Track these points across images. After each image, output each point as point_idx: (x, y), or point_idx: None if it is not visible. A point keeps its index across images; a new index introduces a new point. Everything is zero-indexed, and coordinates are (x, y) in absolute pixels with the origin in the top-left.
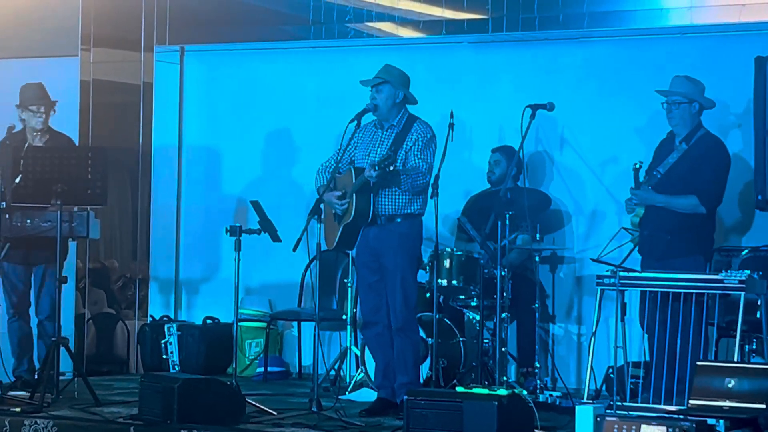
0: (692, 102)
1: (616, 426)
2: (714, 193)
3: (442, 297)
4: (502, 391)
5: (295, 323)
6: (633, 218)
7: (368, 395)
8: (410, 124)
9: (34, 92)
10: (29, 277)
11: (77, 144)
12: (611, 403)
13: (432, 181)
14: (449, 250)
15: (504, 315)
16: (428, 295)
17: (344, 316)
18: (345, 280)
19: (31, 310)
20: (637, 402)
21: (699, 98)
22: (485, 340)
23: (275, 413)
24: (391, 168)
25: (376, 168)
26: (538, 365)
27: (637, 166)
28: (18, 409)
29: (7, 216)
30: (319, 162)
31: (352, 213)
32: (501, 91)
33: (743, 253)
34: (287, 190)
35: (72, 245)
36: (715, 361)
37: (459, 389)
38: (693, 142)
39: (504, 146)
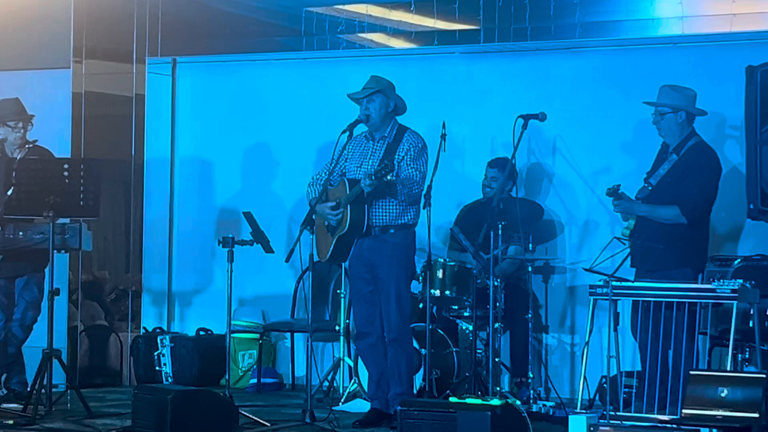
0: (677, 111)
1: None
2: (696, 204)
3: (435, 307)
4: (496, 401)
5: (288, 334)
6: (624, 230)
7: (362, 406)
8: (401, 134)
9: (11, 107)
10: (13, 290)
11: (58, 157)
12: (604, 412)
13: (425, 191)
14: (442, 260)
15: (497, 325)
16: (421, 305)
17: (337, 327)
18: (338, 291)
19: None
20: (630, 411)
21: (685, 106)
22: (478, 351)
23: (269, 424)
24: (388, 177)
25: (373, 177)
26: (531, 375)
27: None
28: (11, 422)
29: (1, 228)
30: (308, 174)
31: (347, 224)
32: (493, 101)
33: (736, 262)
34: (280, 202)
35: (63, 257)
36: (708, 370)
37: (452, 399)
38: (683, 153)
39: (500, 160)
